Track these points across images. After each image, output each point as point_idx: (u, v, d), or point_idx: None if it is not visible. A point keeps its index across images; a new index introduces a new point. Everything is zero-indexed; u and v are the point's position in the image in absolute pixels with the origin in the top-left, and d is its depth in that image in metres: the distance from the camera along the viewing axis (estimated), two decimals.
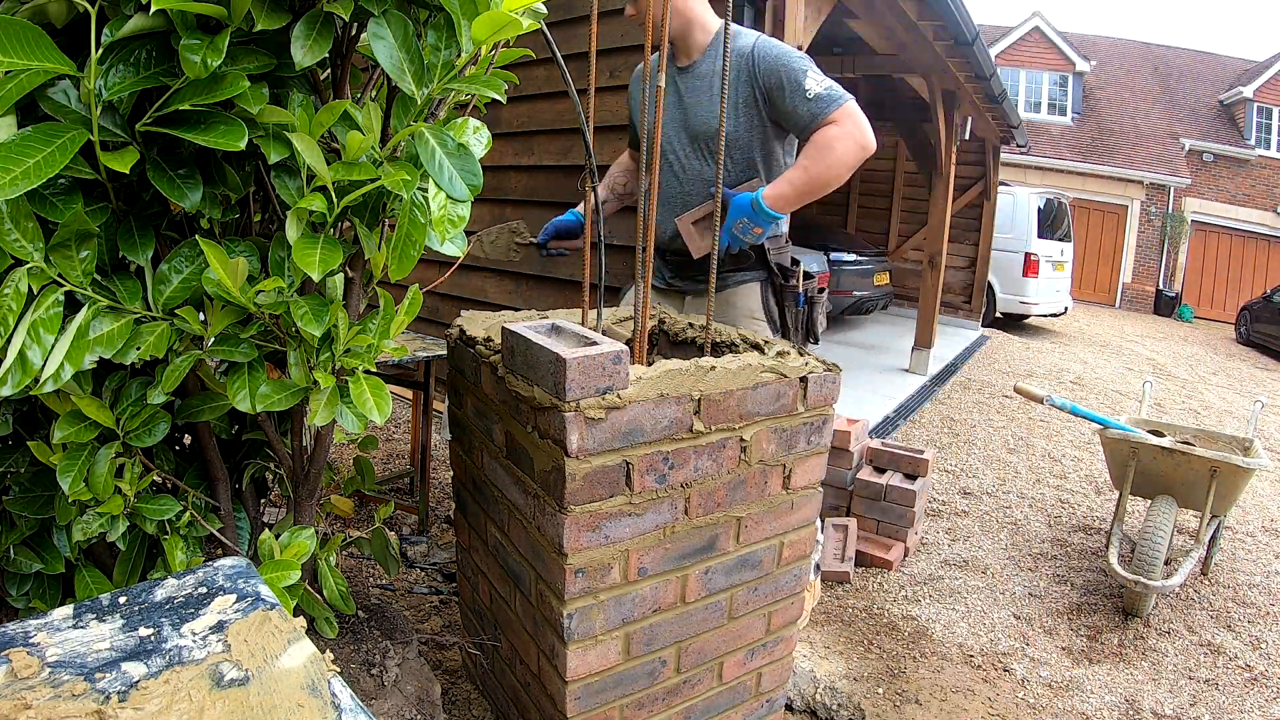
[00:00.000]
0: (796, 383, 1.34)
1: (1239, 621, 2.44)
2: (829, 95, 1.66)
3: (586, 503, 1.16)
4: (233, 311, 1.02)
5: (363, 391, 1.09)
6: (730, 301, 1.89)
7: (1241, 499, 3.12)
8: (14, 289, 0.84)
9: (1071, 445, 4.32)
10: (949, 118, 5.51)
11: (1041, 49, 16.22)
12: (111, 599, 0.70)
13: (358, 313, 1.22)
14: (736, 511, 1.34)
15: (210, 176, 1.01)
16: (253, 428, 1.36)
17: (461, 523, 1.68)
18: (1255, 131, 14.93)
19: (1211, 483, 2.39)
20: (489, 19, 0.91)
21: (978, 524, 3.12)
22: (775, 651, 1.54)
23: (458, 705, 1.70)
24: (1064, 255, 8.99)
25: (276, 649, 0.64)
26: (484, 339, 1.44)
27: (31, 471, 1.14)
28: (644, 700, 1.35)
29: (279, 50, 0.95)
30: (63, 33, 0.84)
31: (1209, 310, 14.82)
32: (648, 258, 1.37)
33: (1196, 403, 6.09)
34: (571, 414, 1.10)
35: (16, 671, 0.59)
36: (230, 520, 1.28)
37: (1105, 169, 14.73)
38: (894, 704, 1.89)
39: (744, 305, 1.89)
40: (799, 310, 1.93)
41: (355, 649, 1.40)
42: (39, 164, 0.76)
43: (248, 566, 0.78)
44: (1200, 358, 8.98)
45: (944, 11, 3.93)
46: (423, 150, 0.96)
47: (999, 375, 6.04)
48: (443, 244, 1.04)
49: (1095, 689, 2.03)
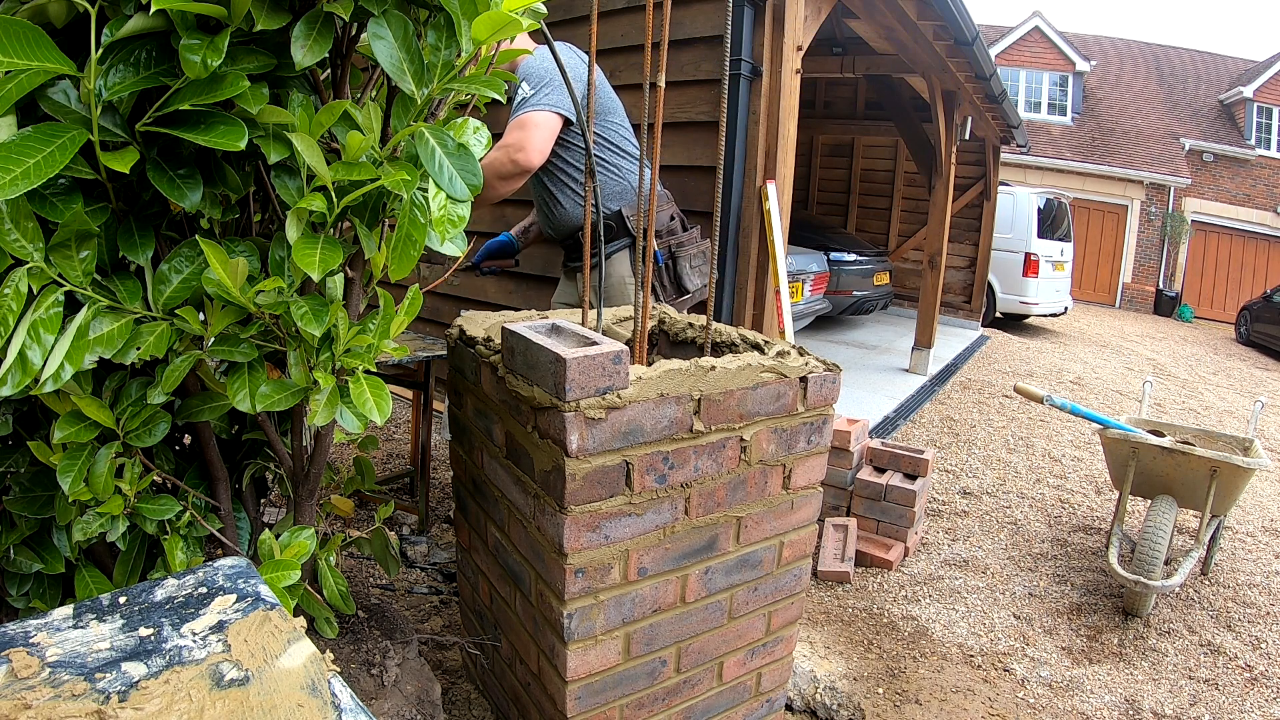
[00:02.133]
0: (796, 383, 1.34)
1: (1239, 621, 2.44)
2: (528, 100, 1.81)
3: (586, 503, 1.16)
4: (233, 311, 1.02)
5: (363, 391, 1.09)
6: (608, 271, 2.05)
7: (1241, 499, 3.12)
8: (14, 289, 0.84)
9: (1071, 445, 4.32)
10: (949, 118, 5.51)
11: (1041, 49, 16.22)
12: (111, 599, 0.70)
13: (358, 313, 1.22)
14: (736, 511, 1.34)
15: (210, 176, 1.01)
16: (253, 428, 1.36)
17: (461, 523, 1.68)
18: (1255, 131, 14.94)
19: (1211, 483, 2.39)
20: (489, 19, 0.91)
21: (978, 524, 3.12)
22: (775, 651, 1.54)
23: (458, 705, 1.70)
24: (1064, 255, 8.99)
25: (276, 649, 0.64)
26: (484, 339, 1.44)
27: (31, 471, 1.14)
28: (644, 700, 1.35)
29: (279, 50, 0.95)
30: (63, 33, 0.84)
31: (1209, 310, 14.82)
32: (648, 257, 1.37)
33: (1196, 403, 6.09)
34: (571, 414, 1.10)
35: (16, 671, 0.59)
36: (230, 520, 1.28)
37: (1105, 169, 14.74)
38: (894, 704, 1.89)
39: (616, 273, 2.08)
40: (660, 267, 2.10)
41: (355, 649, 1.40)
42: (39, 164, 0.76)
43: (248, 566, 0.78)
44: (1200, 358, 8.98)
45: (944, 11, 3.93)
46: (423, 150, 0.96)
47: (999, 375, 6.04)
48: (443, 244, 1.04)
49: (1095, 689, 2.03)
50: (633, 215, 2.06)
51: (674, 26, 2.78)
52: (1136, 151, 14.91)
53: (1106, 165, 14.76)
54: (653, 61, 2.22)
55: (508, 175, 1.82)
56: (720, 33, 2.73)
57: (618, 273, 2.11)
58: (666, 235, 2.14)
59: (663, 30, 1.27)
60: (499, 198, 1.88)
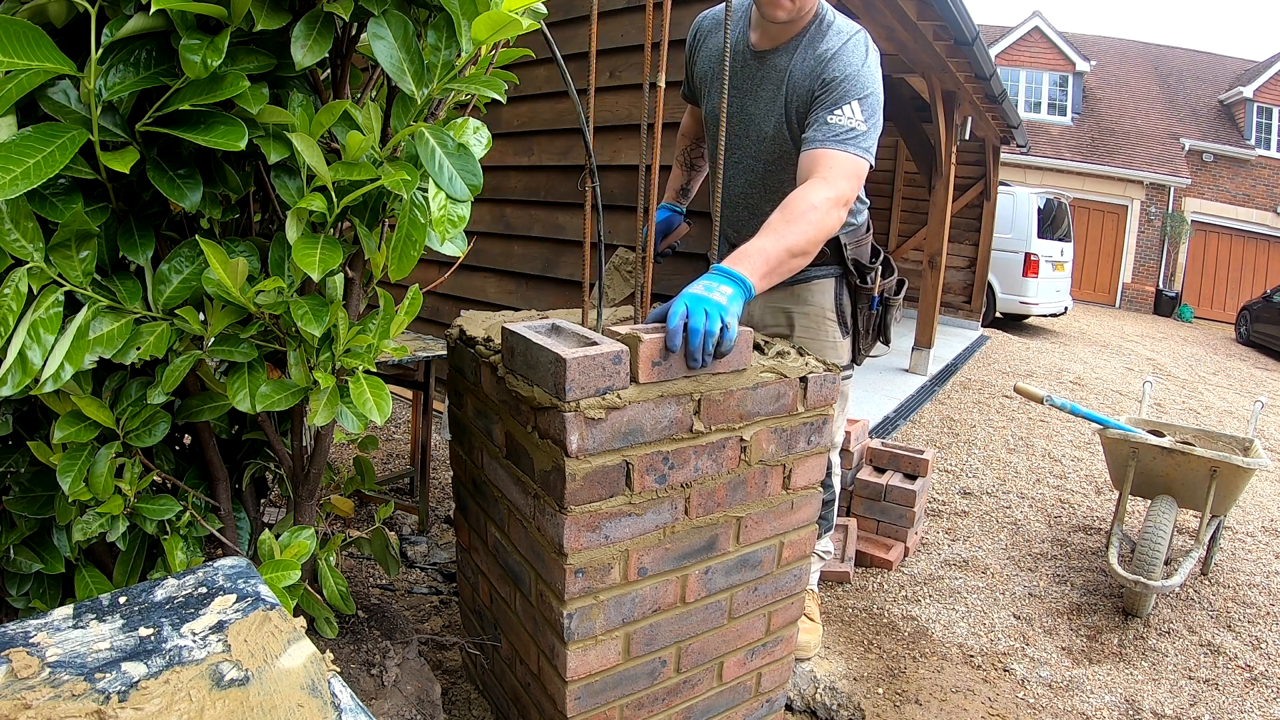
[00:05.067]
0: (796, 383, 1.34)
1: (1239, 621, 2.44)
2: (845, 134, 1.43)
3: (586, 503, 1.16)
4: (233, 311, 1.02)
5: (363, 391, 1.09)
6: (801, 296, 1.75)
7: (1241, 499, 3.12)
8: (14, 289, 0.84)
9: (1071, 445, 4.32)
10: (949, 118, 5.51)
11: (1041, 49, 16.23)
12: (111, 599, 0.70)
13: (358, 313, 1.22)
14: (736, 511, 1.34)
15: (210, 176, 1.01)
16: (253, 428, 1.36)
17: (461, 523, 1.68)
18: (1255, 131, 14.95)
19: (1211, 483, 2.39)
20: (489, 19, 0.91)
21: (978, 524, 3.12)
22: (775, 651, 1.54)
23: (458, 705, 1.70)
24: (1064, 255, 8.99)
25: (276, 649, 0.64)
26: (484, 339, 1.44)
27: (31, 471, 1.14)
28: (644, 700, 1.35)
29: (279, 50, 0.95)
30: (63, 33, 0.84)
31: (1209, 310, 14.83)
32: (648, 256, 1.37)
33: (1196, 403, 6.09)
34: (571, 414, 1.10)
35: (16, 671, 0.59)
36: (230, 520, 1.28)
37: (1105, 169, 14.74)
38: (894, 704, 1.89)
39: (816, 301, 1.76)
40: (873, 313, 1.80)
41: (355, 649, 1.40)
42: (39, 164, 0.76)
43: (248, 566, 0.78)
44: (1200, 358, 8.98)
45: (944, 11, 3.93)
46: (423, 150, 0.96)
47: (999, 375, 6.04)
48: (443, 244, 1.04)
49: (1095, 689, 2.03)
50: (850, 243, 1.73)
51: (674, 26, 2.78)
52: (1136, 151, 14.92)
53: (1106, 165, 14.77)
54: (653, 61, 2.22)
55: (828, 233, 1.40)
56: None
57: (818, 303, 1.75)
58: (878, 276, 1.78)
59: (663, 30, 1.26)
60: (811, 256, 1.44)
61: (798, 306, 1.76)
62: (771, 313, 1.82)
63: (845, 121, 1.45)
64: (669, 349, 1.16)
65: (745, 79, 1.64)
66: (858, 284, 1.76)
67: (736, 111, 1.68)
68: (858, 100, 1.47)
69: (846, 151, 1.44)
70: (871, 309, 1.78)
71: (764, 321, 1.83)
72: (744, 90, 1.65)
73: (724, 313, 1.18)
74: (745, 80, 1.64)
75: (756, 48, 1.62)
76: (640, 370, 1.15)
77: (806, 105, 1.53)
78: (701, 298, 1.19)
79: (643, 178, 1.37)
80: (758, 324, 1.83)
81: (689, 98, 1.88)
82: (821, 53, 1.52)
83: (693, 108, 1.92)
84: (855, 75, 1.48)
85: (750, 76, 1.64)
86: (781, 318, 1.80)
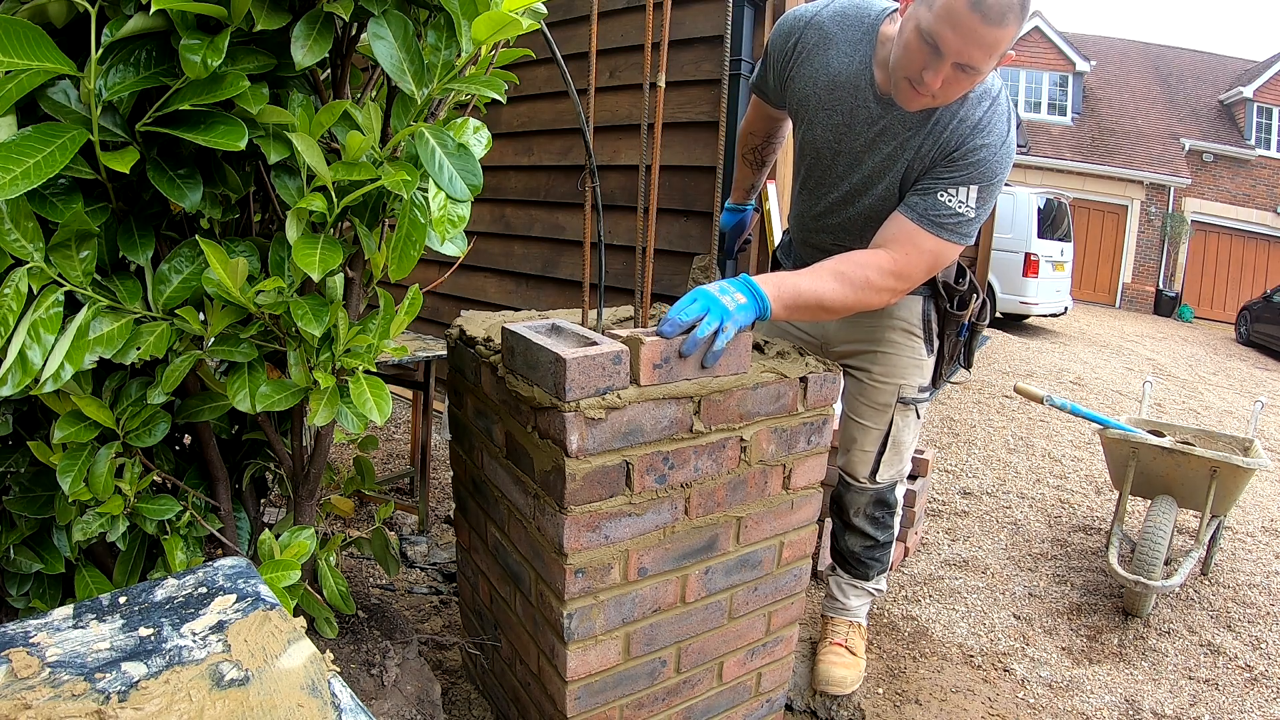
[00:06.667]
0: (796, 383, 1.34)
1: (1239, 621, 2.44)
2: (949, 219, 1.35)
3: (586, 503, 1.16)
4: (233, 311, 1.02)
5: (363, 391, 1.09)
6: (888, 310, 1.65)
7: (1241, 499, 3.12)
8: (14, 289, 0.84)
9: (1071, 445, 4.32)
10: None
11: (1041, 49, 16.23)
12: (111, 599, 0.70)
13: (358, 313, 1.22)
14: (736, 511, 1.34)
15: (210, 176, 1.01)
16: (253, 428, 1.36)
17: (461, 523, 1.68)
18: (1255, 131, 14.95)
19: (1211, 483, 2.39)
20: (489, 19, 0.91)
21: (978, 524, 3.12)
22: (775, 651, 1.54)
23: (458, 705, 1.70)
24: (1064, 255, 8.99)
25: (276, 649, 0.64)
26: (484, 339, 1.44)
27: (31, 471, 1.14)
28: (644, 700, 1.35)
29: (279, 50, 0.95)
30: (63, 33, 0.84)
31: (1209, 310, 14.84)
32: (648, 256, 1.37)
33: (1196, 403, 6.09)
34: (571, 414, 1.10)
35: (16, 671, 0.59)
36: (230, 520, 1.28)
37: (1105, 169, 14.75)
38: (894, 704, 1.89)
39: (900, 315, 1.66)
40: (959, 340, 1.72)
41: (355, 649, 1.40)
42: (39, 164, 0.76)
43: (248, 566, 0.78)
44: (1200, 358, 8.98)
45: None
46: (423, 150, 0.96)
47: (999, 375, 6.04)
48: (443, 244, 1.04)
49: (1095, 689, 2.03)
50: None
51: (674, 26, 2.78)
52: (1136, 151, 14.93)
53: (1106, 165, 14.78)
54: (653, 61, 2.22)
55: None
56: (720, 33, 2.73)
57: (905, 318, 1.65)
58: (969, 302, 1.69)
59: (663, 30, 1.27)
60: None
61: (883, 320, 1.67)
62: (853, 325, 1.71)
63: (956, 205, 1.35)
64: (659, 334, 1.18)
65: (861, 120, 1.44)
66: (947, 309, 1.66)
67: (843, 150, 1.50)
68: (979, 186, 1.35)
69: (940, 237, 1.36)
70: (959, 336, 1.71)
71: (844, 335, 1.74)
72: (856, 131, 1.46)
73: (725, 316, 1.19)
74: (861, 122, 1.44)
75: (882, 90, 1.40)
76: (641, 373, 1.15)
77: (926, 170, 1.40)
78: (713, 297, 1.20)
79: (643, 178, 1.37)
80: (833, 337, 1.75)
81: (762, 94, 1.69)
82: (961, 118, 1.35)
83: (763, 106, 1.74)
84: (990, 160, 1.35)
85: (868, 119, 1.43)
86: (864, 331, 1.70)
